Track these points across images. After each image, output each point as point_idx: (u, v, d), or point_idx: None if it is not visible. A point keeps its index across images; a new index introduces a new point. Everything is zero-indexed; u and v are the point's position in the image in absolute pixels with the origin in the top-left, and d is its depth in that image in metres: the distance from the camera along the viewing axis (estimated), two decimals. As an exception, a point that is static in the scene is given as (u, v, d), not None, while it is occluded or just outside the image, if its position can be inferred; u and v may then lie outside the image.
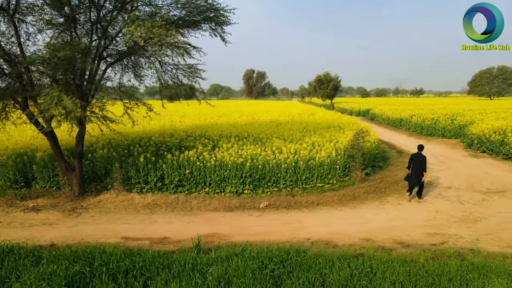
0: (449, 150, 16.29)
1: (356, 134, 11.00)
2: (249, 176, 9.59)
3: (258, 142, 12.14)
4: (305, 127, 16.08)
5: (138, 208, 8.13)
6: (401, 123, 25.67)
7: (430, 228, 6.99)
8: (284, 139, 12.80)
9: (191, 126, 16.79)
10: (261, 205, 8.30)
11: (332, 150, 10.83)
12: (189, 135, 13.83)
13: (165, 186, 9.54)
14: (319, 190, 9.88)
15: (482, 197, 9.11)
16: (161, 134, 13.59)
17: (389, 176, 11.31)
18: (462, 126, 20.18)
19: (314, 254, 5.05)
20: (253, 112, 27.27)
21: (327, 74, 50.16)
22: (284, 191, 9.72)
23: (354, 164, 10.78)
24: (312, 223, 7.34)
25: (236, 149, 10.28)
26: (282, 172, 9.86)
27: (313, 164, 10.25)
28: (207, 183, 9.55)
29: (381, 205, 8.61)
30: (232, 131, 14.35)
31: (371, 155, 12.49)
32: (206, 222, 7.37)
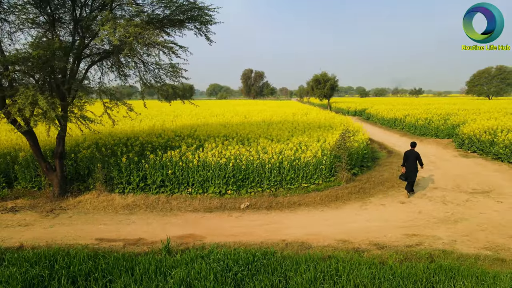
0: (440, 150, 16.23)
1: (342, 134, 10.93)
2: (233, 176, 9.52)
3: (245, 142, 12.08)
4: (295, 127, 16.02)
5: (118, 209, 8.06)
6: (395, 123, 25.61)
7: (409, 229, 6.92)
8: (271, 139, 12.74)
9: (182, 126, 16.72)
10: (242, 205, 8.23)
11: (318, 150, 10.76)
12: (178, 135, 13.76)
13: (147, 187, 9.47)
14: (303, 191, 9.81)
15: (467, 198, 9.04)
16: (149, 134, 13.53)
17: (375, 176, 11.23)
18: (455, 126, 20.10)
19: (283, 256, 4.99)
20: (247, 111, 27.21)
21: (324, 74, 50.03)
22: (268, 192, 9.66)
23: (340, 164, 10.71)
24: (291, 224, 7.27)
25: (220, 149, 10.21)
26: (266, 173, 9.79)
27: (298, 164, 10.18)
28: (190, 184, 9.47)
29: (363, 205, 8.54)
30: (221, 131, 14.29)
31: (359, 155, 12.42)
32: (184, 223, 7.30)
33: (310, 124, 16.99)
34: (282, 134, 13.55)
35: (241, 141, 12.56)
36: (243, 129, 15.23)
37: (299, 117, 21.71)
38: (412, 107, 34.28)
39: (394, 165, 12.82)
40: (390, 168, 12.19)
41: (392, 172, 11.66)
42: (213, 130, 14.68)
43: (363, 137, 13.36)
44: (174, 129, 15.27)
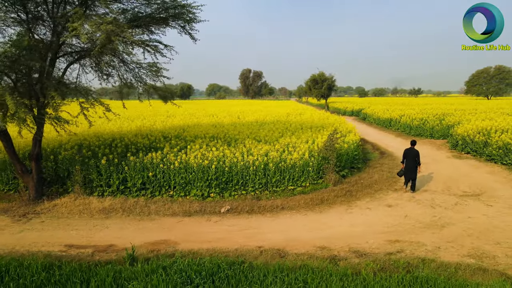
0: (434, 151, 15.96)
1: (330, 135, 10.66)
2: (215, 179, 9.25)
3: (232, 143, 11.81)
4: (287, 127, 15.75)
5: (93, 213, 7.78)
6: (390, 123, 25.34)
7: (392, 235, 6.65)
8: (259, 140, 12.47)
9: (171, 127, 16.45)
10: (222, 209, 7.96)
11: (305, 152, 10.49)
12: (165, 136, 13.50)
13: (128, 189, 9.19)
14: (289, 193, 9.54)
15: (456, 201, 8.77)
16: (136, 134, 13.26)
17: (364, 178, 10.96)
18: (450, 126, 19.84)
19: (252, 266, 4.72)
20: (242, 112, 26.94)
21: (322, 74, 49.73)
22: (252, 195, 9.38)
23: (328, 166, 10.44)
24: (270, 229, 7.00)
25: (204, 151, 9.93)
26: (250, 175, 9.52)
27: (284, 166, 9.91)
28: (172, 186, 9.20)
29: (349, 209, 8.27)
30: (210, 131, 14.02)
31: (349, 157, 12.15)
32: (159, 228, 7.03)
33: (303, 125, 16.73)
34: (271, 135, 13.29)
35: (228, 142, 12.29)
36: (233, 129, 14.97)
37: (292, 118, 21.44)
38: (409, 107, 33.99)
39: (385, 166, 12.55)
40: (380, 170, 11.92)
41: (382, 174, 11.39)
42: (202, 130, 14.42)
43: (354, 138, 13.09)
44: (162, 130, 15.01)
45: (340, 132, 12.75)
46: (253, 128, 15.58)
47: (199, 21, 10.61)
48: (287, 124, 16.84)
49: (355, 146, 12.82)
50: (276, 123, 17.48)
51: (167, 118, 22.30)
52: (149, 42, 11.29)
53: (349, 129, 16.00)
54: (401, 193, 9.54)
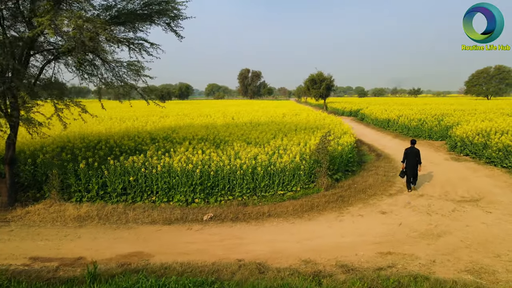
0: (431, 153, 15.49)
1: (322, 137, 10.19)
2: (200, 184, 8.78)
3: (221, 145, 11.35)
4: (280, 128, 15.29)
5: (67, 221, 7.31)
6: (388, 123, 24.87)
7: (385, 246, 6.18)
8: (249, 142, 12.01)
9: (162, 128, 15.98)
10: (205, 217, 7.49)
11: (296, 154, 10.03)
12: (153, 138, 13.04)
13: (107, 195, 8.72)
14: (278, 199, 9.07)
15: (454, 207, 8.31)
16: (122, 136, 12.78)
17: (358, 182, 10.49)
18: (448, 127, 19.38)
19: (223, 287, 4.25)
20: (237, 112, 26.47)
21: (320, 74, 49.25)
22: (239, 200, 8.91)
23: (320, 169, 9.97)
24: (254, 239, 6.54)
25: (189, 154, 9.45)
26: (237, 179, 9.05)
27: (274, 170, 9.45)
28: (154, 191, 8.73)
29: (340, 216, 7.80)
30: (200, 133, 13.55)
31: (343, 159, 11.68)
32: (135, 238, 6.56)
33: (297, 126, 16.27)
34: (263, 136, 12.82)
35: (217, 144, 11.83)
36: (224, 131, 14.51)
37: (288, 118, 20.98)
38: (408, 107, 33.53)
39: (380, 169, 12.08)
40: (375, 174, 11.44)
41: (377, 177, 10.92)
42: (192, 132, 13.95)
43: (349, 140, 12.63)
44: (152, 131, 14.54)
45: (333, 134, 12.30)
46: (246, 129, 15.11)
47: (184, 18, 10.16)
48: (281, 125, 16.38)
49: (350, 148, 12.36)
50: (270, 124, 17.03)
51: (160, 119, 21.85)
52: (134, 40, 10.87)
53: (345, 130, 15.55)
54: (396, 198, 9.08)
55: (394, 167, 12.50)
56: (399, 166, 12.70)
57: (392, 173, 11.65)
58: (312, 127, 15.84)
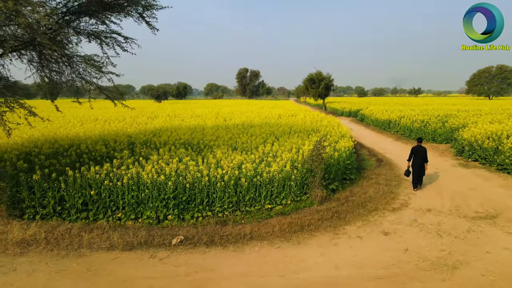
0: (437, 157, 14.30)
1: (316, 142, 8.99)
2: (174, 197, 7.59)
3: (204, 151, 10.16)
4: (273, 131, 14.11)
5: (8, 246, 6.11)
6: (389, 125, 23.68)
7: (387, 283, 4.99)
8: (235, 147, 10.82)
9: (146, 130, 14.77)
10: (174, 240, 6.29)
11: (287, 162, 8.85)
12: (132, 142, 11.85)
13: (66, 211, 7.53)
14: (265, 215, 7.88)
15: (468, 226, 7.11)
16: (97, 141, 11.58)
17: (357, 193, 9.30)
18: (453, 129, 18.19)
19: None
20: (231, 113, 25.26)
21: (319, 73, 48.01)
22: (220, 216, 7.73)
23: (313, 180, 8.78)
24: (229, 272, 5.34)
25: (163, 163, 8.24)
26: (218, 192, 7.86)
27: (261, 180, 8.26)
28: (120, 207, 7.53)
29: (335, 238, 6.60)
30: (184, 136, 12.35)
31: (341, 167, 10.49)
32: (83, 271, 5.35)
33: (292, 128, 15.08)
34: (252, 141, 11.62)
35: (200, 149, 10.64)
36: (211, 134, 13.33)
37: (283, 120, 19.78)
38: (409, 107, 32.34)
39: (381, 178, 10.88)
40: (376, 183, 10.24)
41: (378, 188, 9.72)
42: (176, 135, 12.76)
43: (347, 145, 11.43)
44: (133, 134, 13.35)
45: (330, 137, 11.11)
46: (235, 132, 13.92)
47: (159, 7, 8.98)
48: (274, 128, 15.20)
49: (348, 154, 11.17)
50: (263, 126, 15.83)
51: (148, 120, 20.67)
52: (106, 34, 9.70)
53: (343, 133, 14.35)
54: (401, 214, 7.89)
55: (396, 175, 11.30)
56: (402, 173, 11.50)
57: (394, 182, 10.46)
58: (308, 129, 14.66)
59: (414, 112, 25.58)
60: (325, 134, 13.54)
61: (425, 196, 9.21)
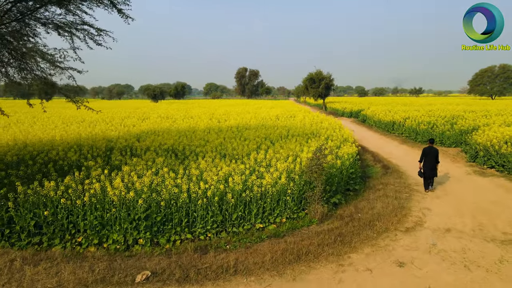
0: (448, 163, 13.06)
1: (316, 150, 7.75)
2: (146, 218, 6.36)
3: (190, 158, 8.95)
4: (269, 134, 12.89)
5: None
6: (393, 126, 22.43)
7: None
8: (224, 155, 9.60)
9: (130, 133, 13.55)
10: (139, 277, 5.06)
11: (282, 173, 7.63)
12: (111, 147, 10.63)
13: (16, 235, 6.29)
14: (255, 237, 6.65)
15: (500, 254, 5.88)
16: (71, 146, 10.35)
17: (364, 208, 8.06)
18: (463, 132, 16.97)
19: None
20: (226, 114, 24.02)
21: (319, 72, 46.73)
22: (200, 240, 6.50)
23: (312, 194, 7.55)
24: (202, 326, 4.11)
25: (135, 176, 7.00)
26: (199, 211, 6.63)
27: (251, 196, 7.04)
28: (82, 230, 6.30)
29: (339, 272, 5.37)
30: (169, 141, 11.11)
31: (343, 176, 9.27)
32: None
33: (290, 131, 13.86)
34: (244, 146, 10.40)
35: (185, 156, 9.43)
36: (201, 138, 12.13)
37: (281, 121, 18.55)
38: (413, 108, 31.09)
39: (389, 189, 9.64)
40: (384, 195, 9.00)
41: (387, 201, 8.49)
42: (162, 139, 11.55)
43: (350, 151, 10.21)
44: (115, 138, 12.12)
45: (332, 141, 9.86)
46: (228, 135, 12.71)
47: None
48: (271, 130, 13.97)
49: (352, 161, 9.94)
50: (259, 129, 14.62)
51: (138, 122, 19.45)
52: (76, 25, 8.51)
53: (345, 136, 13.14)
54: (416, 236, 6.66)
55: (406, 184, 10.07)
56: (412, 183, 10.29)
57: (405, 193, 9.23)
58: (307, 133, 13.43)
59: (419, 113, 24.33)
60: (326, 138, 12.33)
61: (442, 211, 7.98)
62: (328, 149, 7.94)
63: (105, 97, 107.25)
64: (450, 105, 38.58)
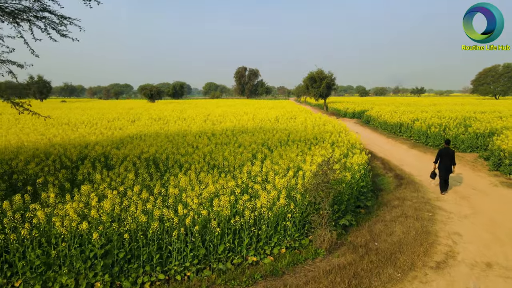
0: (468, 172, 11.62)
1: (322, 163, 6.32)
2: (104, 255, 4.93)
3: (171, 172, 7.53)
4: (267, 140, 11.47)
5: None
6: (401, 129, 21.00)
7: None
8: (214, 166, 8.17)
9: (113, 138, 12.13)
10: None
11: (281, 191, 6.21)
12: (83, 157, 9.23)
13: None
14: (245, 279, 5.21)
15: None
16: (36, 155, 8.94)
17: (380, 234, 6.62)
18: (479, 135, 15.56)
19: None
20: (222, 115, 22.58)
21: (320, 71, 45.26)
22: (177, 281, 5.07)
23: (318, 218, 6.12)
24: None
25: (95, 198, 5.55)
26: (175, 243, 5.20)
27: (242, 222, 5.62)
28: (20, 272, 4.87)
29: (357, 336, 3.93)
30: (151, 149, 9.67)
31: (353, 191, 7.84)
32: None
33: (290, 135, 12.45)
34: (237, 153, 8.98)
35: (166, 169, 8.01)
36: (191, 143, 10.77)
37: (281, 124, 17.13)
38: (419, 108, 29.67)
39: (407, 206, 8.20)
40: (403, 215, 7.55)
41: (407, 224, 7.05)
42: (145, 146, 10.14)
43: (360, 160, 8.77)
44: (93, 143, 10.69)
45: (339, 159, 8.37)
46: (221, 141, 11.30)
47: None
48: (269, 135, 12.55)
49: (363, 173, 8.51)
50: (257, 133, 13.21)
51: (126, 124, 18.03)
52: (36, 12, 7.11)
53: (352, 141, 11.71)
54: (451, 276, 5.23)
55: (425, 200, 8.64)
56: (432, 197, 8.87)
57: (426, 211, 7.80)
58: (310, 137, 12.00)
59: (427, 114, 22.91)
60: (331, 144, 10.90)
61: (475, 237, 6.54)
62: (338, 162, 6.51)
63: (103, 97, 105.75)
64: (456, 105, 37.14)
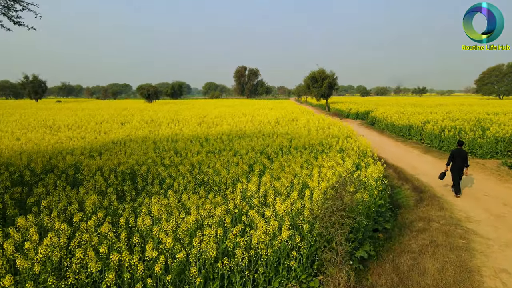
0: (493, 183, 10.23)
1: (338, 185, 4.94)
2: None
3: (143, 196, 6.16)
4: (266, 146, 10.14)
5: None
6: (410, 131, 19.61)
7: None
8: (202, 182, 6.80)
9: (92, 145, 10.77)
10: None
11: (283, 219, 4.84)
12: (51, 167, 7.88)
13: None
14: None
15: None
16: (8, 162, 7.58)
17: (410, 272, 5.23)
18: (499, 139, 14.22)
19: None
20: (220, 117, 21.23)
21: (322, 71, 43.92)
22: None
23: (331, 254, 4.74)
24: None
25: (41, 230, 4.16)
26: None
27: (232, 264, 4.24)
28: None
29: None
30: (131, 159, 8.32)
31: (372, 213, 6.47)
32: None
33: (293, 140, 11.13)
34: (231, 166, 7.60)
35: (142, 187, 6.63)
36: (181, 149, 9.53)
37: (281, 127, 15.76)
38: (426, 109, 28.27)
39: (435, 228, 6.80)
40: (433, 243, 6.15)
41: (441, 257, 5.66)
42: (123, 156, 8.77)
43: (377, 173, 7.37)
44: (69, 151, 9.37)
45: (351, 172, 6.95)
46: (214, 147, 9.98)
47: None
48: (268, 140, 11.20)
49: (381, 189, 7.12)
50: (255, 137, 11.87)
51: (116, 126, 16.75)
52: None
53: (362, 148, 10.38)
54: None
55: (455, 220, 7.25)
56: (462, 217, 7.49)
57: (459, 238, 6.42)
58: (314, 143, 10.64)
59: (437, 115, 21.57)
60: (340, 151, 9.53)
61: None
62: (354, 183, 5.12)
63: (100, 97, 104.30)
64: (463, 105, 35.74)
